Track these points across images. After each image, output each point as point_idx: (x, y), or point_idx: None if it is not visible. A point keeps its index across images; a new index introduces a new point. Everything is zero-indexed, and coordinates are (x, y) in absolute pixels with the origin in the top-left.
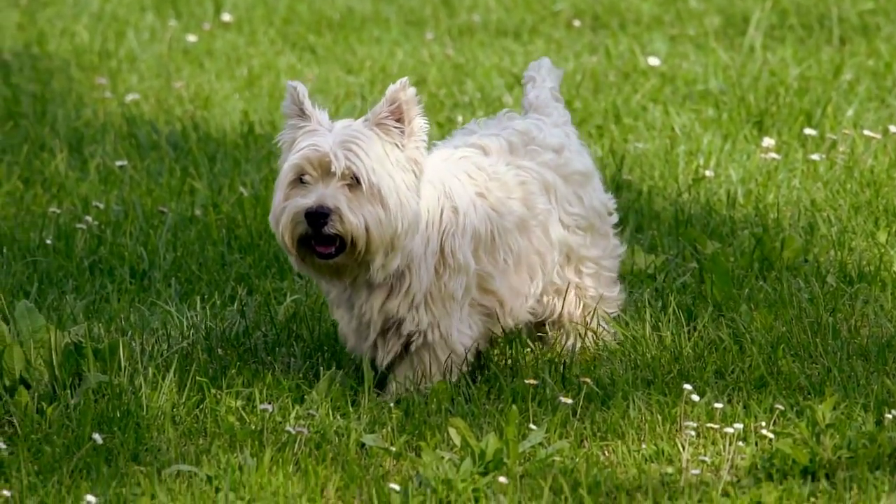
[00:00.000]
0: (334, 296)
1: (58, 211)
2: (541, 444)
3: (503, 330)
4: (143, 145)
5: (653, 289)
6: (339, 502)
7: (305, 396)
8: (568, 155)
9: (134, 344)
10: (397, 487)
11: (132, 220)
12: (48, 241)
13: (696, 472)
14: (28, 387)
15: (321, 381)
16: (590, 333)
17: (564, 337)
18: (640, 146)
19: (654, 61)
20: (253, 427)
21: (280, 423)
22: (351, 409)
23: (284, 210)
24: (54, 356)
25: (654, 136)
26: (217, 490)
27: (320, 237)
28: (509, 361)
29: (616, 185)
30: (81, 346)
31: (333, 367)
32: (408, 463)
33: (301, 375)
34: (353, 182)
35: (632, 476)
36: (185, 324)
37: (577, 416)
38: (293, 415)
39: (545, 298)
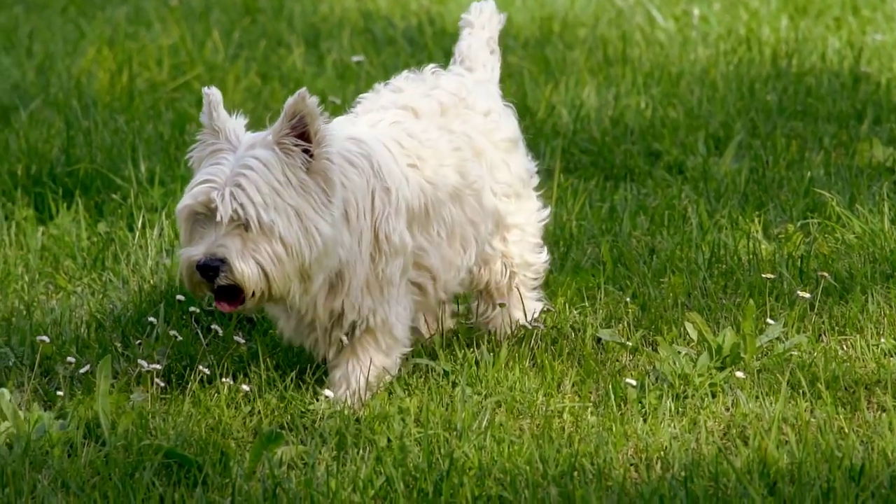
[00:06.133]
0: None
1: None
2: (778, 338)
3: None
4: (379, 40)
5: (891, 182)
6: (576, 397)
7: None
8: (496, 119)
9: None
10: (633, 382)
11: None
12: None
13: None
14: None
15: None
16: (517, 305)
17: (491, 308)
18: (878, 38)
19: None
20: None
21: (517, 318)
22: (587, 303)
23: (181, 259)
24: None
25: (894, 28)
26: (454, 385)
27: (220, 289)
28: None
29: (854, 78)
30: None
31: (570, 261)
32: (644, 358)
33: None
34: (246, 223)
35: (870, 370)
36: None
37: (815, 310)
38: None
39: (474, 269)
